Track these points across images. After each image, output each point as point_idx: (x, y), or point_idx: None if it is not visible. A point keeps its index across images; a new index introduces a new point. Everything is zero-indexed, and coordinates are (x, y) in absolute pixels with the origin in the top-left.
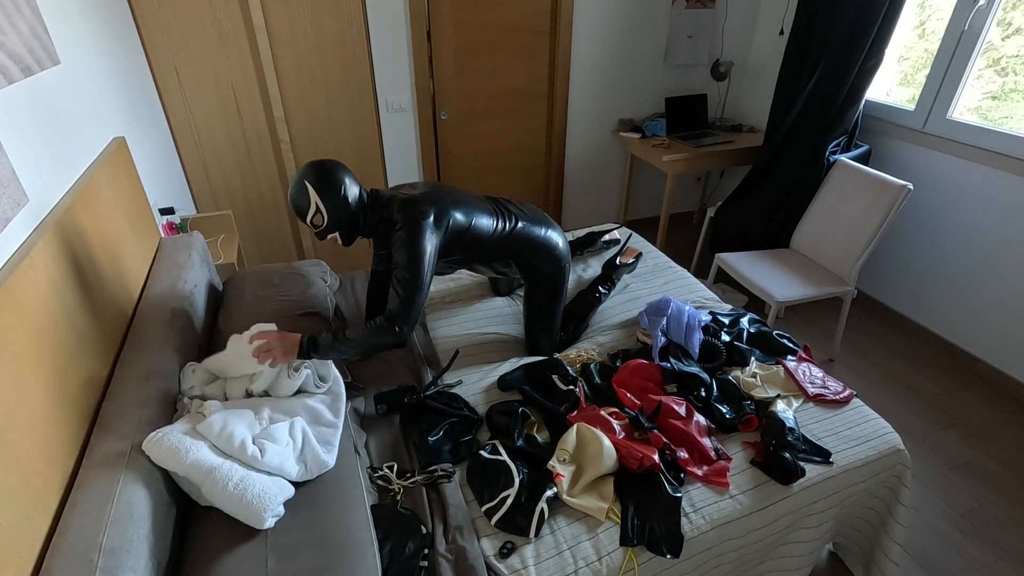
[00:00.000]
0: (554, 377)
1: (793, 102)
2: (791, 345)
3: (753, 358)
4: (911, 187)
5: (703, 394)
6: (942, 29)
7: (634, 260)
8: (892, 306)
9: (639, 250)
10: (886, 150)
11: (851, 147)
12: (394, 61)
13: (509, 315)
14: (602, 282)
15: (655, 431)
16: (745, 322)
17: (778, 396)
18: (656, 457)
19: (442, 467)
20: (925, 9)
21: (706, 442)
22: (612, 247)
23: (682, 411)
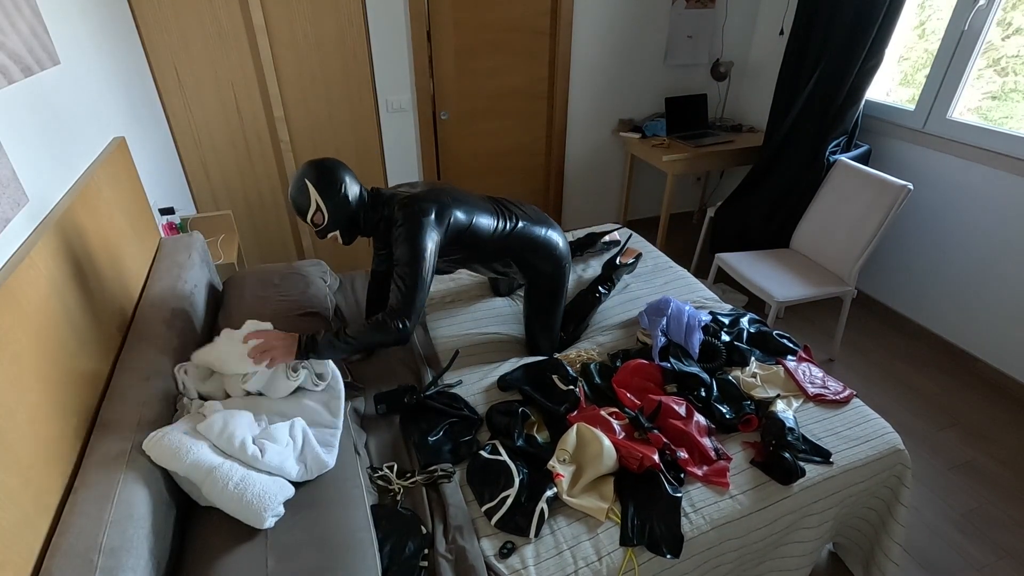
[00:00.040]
0: (554, 377)
1: (793, 102)
2: (791, 345)
3: (753, 358)
4: (911, 187)
5: (703, 394)
6: (942, 29)
7: (634, 260)
8: (892, 306)
9: (639, 250)
10: (886, 150)
11: (851, 147)
12: (394, 61)
13: (509, 315)
14: (602, 282)
15: (655, 431)
16: (745, 322)
17: (778, 396)
18: (656, 457)
19: (442, 467)
20: (925, 9)
21: (706, 442)
22: (612, 248)
23: (682, 411)
